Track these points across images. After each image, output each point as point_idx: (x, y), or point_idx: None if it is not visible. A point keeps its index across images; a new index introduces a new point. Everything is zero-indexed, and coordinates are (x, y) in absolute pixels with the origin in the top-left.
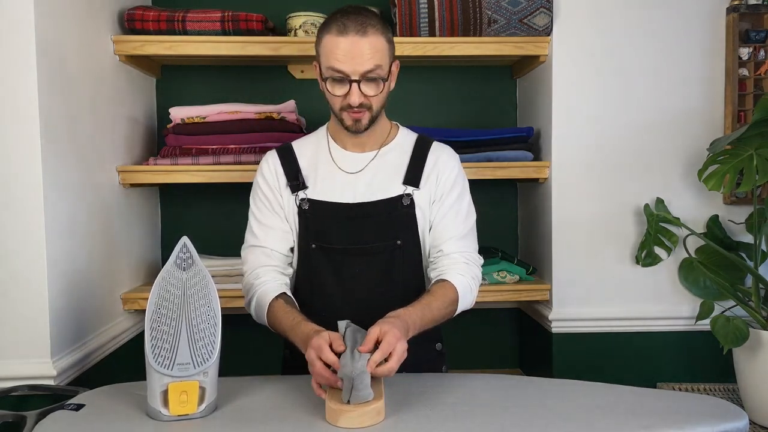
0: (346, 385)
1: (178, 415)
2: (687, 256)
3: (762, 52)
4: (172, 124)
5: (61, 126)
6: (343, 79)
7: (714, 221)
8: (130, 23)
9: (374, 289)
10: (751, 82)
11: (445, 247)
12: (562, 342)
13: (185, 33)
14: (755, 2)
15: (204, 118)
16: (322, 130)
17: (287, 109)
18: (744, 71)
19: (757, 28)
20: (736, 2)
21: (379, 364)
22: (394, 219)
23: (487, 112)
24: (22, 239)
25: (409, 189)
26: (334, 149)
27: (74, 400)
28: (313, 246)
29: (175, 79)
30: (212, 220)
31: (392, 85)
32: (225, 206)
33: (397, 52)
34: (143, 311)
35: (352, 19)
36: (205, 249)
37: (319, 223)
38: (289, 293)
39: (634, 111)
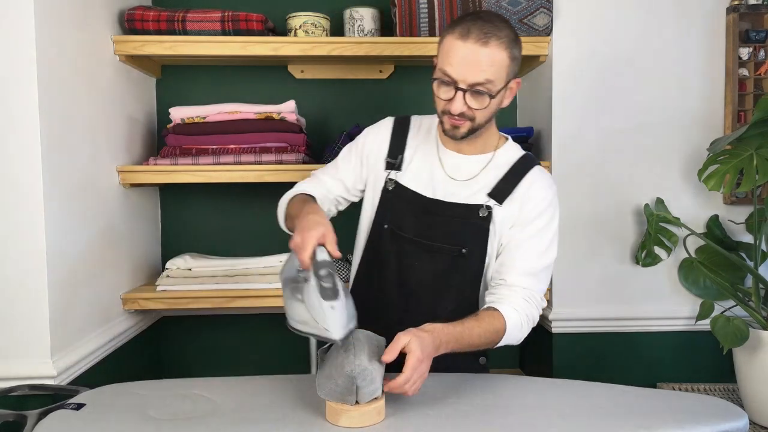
0: (347, 385)
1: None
2: (687, 256)
3: (762, 52)
4: (172, 124)
5: (61, 126)
6: (451, 84)
7: (714, 221)
8: (130, 23)
9: (428, 287)
10: (751, 82)
11: (509, 277)
12: (562, 342)
13: (185, 33)
14: (755, 2)
15: (204, 118)
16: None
17: (287, 109)
18: (744, 71)
19: (757, 28)
20: (736, 2)
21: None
22: (466, 226)
23: None
24: (22, 239)
25: (491, 202)
26: (439, 143)
27: (75, 400)
28: (386, 227)
29: (175, 79)
30: (212, 220)
31: (506, 102)
32: (225, 206)
33: (397, 52)
34: (143, 311)
35: (479, 25)
36: (205, 249)
37: (397, 207)
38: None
39: (634, 111)
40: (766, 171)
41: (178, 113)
